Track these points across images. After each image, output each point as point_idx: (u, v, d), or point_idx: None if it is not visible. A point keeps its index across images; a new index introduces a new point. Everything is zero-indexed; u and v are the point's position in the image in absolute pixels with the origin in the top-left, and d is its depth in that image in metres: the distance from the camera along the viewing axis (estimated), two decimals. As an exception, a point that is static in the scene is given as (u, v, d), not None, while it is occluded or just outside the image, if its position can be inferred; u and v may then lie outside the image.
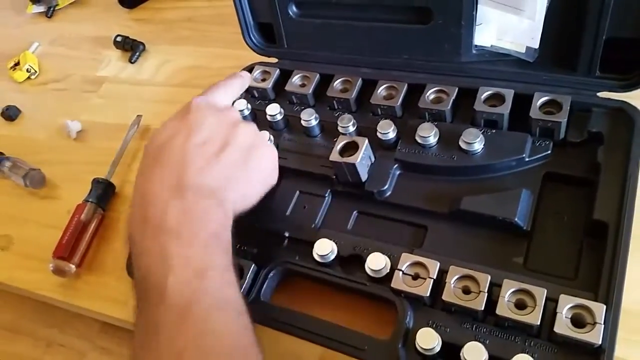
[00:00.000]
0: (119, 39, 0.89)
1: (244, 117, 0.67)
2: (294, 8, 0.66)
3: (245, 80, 0.62)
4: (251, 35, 0.70)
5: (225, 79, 0.59)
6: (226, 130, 0.51)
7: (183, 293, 0.41)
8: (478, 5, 0.56)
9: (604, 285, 0.45)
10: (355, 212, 0.57)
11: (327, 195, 0.58)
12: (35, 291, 0.66)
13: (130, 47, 0.89)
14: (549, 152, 0.53)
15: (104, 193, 0.70)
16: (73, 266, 0.64)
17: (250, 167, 0.51)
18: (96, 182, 0.70)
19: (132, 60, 0.87)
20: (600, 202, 0.49)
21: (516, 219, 0.50)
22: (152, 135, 0.51)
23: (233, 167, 0.49)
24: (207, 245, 0.44)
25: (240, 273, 0.52)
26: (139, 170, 0.49)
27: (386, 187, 0.56)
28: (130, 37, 0.90)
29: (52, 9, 1.04)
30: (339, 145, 0.56)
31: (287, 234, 0.57)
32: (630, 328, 0.46)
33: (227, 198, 0.48)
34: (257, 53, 0.71)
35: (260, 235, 0.57)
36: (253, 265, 0.53)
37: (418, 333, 0.45)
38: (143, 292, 0.43)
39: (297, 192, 0.60)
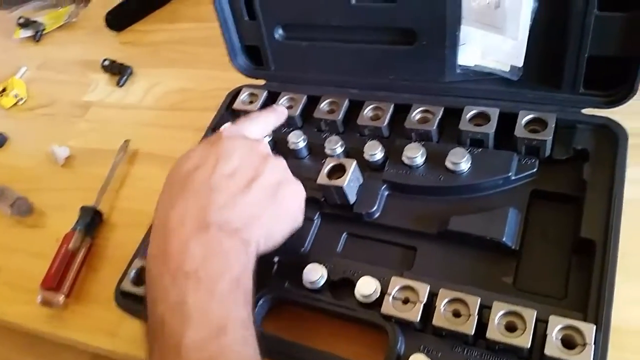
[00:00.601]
0: (106, 62, 0.90)
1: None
2: (280, 31, 0.66)
3: (281, 115, 0.60)
4: (238, 58, 0.70)
5: (259, 112, 0.57)
6: (255, 162, 0.48)
7: (201, 352, 0.39)
8: (461, 26, 0.56)
9: (593, 304, 0.45)
10: (344, 234, 0.57)
11: (316, 218, 0.58)
12: (23, 324, 0.65)
13: (118, 71, 0.89)
14: (535, 169, 0.54)
15: (91, 221, 0.69)
16: (62, 297, 0.64)
17: (277, 205, 0.48)
18: (84, 210, 0.70)
19: (120, 84, 0.87)
20: (586, 219, 0.49)
21: (504, 239, 0.50)
22: (178, 161, 0.49)
23: (260, 203, 0.46)
24: (227, 295, 0.42)
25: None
26: (161, 197, 0.47)
27: (375, 208, 0.56)
28: (118, 60, 0.90)
29: (39, 33, 1.04)
30: (327, 168, 0.56)
31: (276, 259, 0.56)
32: (621, 345, 0.45)
33: (251, 238, 0.45)
34: (245, 75, 0.71)
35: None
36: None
37: (410, 359, 0.45)
38: (157, 339, 0.41)
39: (285, 214, 0.60)
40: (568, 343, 0.43)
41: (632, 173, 0.52)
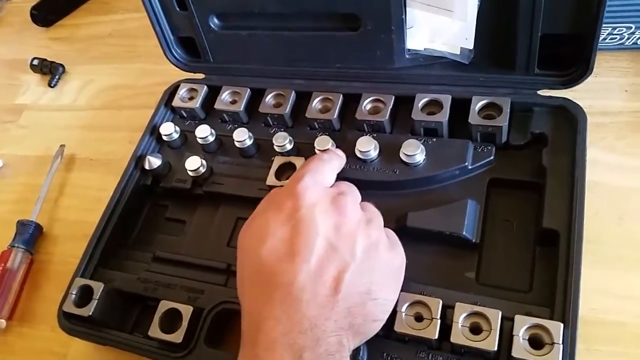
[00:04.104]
0: (35, 62, 0.83)
1: (173, 141, 0.62)
2: (216, 20, 0.62)
3: (342, 160, 0.51)
4: (173, 51, 0.66)
5: (322, 156, 0.49)
6: (343, 243, 0.41)
7: None
8: (407, 8, 0.53)
9: (560, 300, 0.43)
10: (298, 236, 0.54)
11: (268, 220, 0.55)
12: (-39, 353, 0.61)
13: (49, 70, 0.82)
14: (492, 157, 0.51)
15: (30, 236, 0.65)
16: (3, 321, 0.60)
17: (370, 304, 0.41)
18: (21, 224, 0.65)
19: (52, 84, 0.81)
20: (548, 209, 0.47)
21: (464, 232, 0.48)
22: (255, 237, 0.43)
23: (351, 310, 0.40)
24: None
25: (179, 318, 0.49)
26: (241, 283, 0.43)
27: (328, 207, 0.53)
28: (49, 58, 0.83)
29: (-39, 32, 0.96)
30: (275, 167, 0.53)
31: (228, 268, 0.53)
32: (589, 337, 0.45)
33: (344, 357, 0.39)
34: (181, 69, 0.66)
35: (199, 272, 0.53)
36: (192, 309, 0.49)
37: (372, 368, 0.43)
38: None
39: (236, 219, 0.57)
40: (536, 342, 0.41)
41: (592, 153, 0.50)
